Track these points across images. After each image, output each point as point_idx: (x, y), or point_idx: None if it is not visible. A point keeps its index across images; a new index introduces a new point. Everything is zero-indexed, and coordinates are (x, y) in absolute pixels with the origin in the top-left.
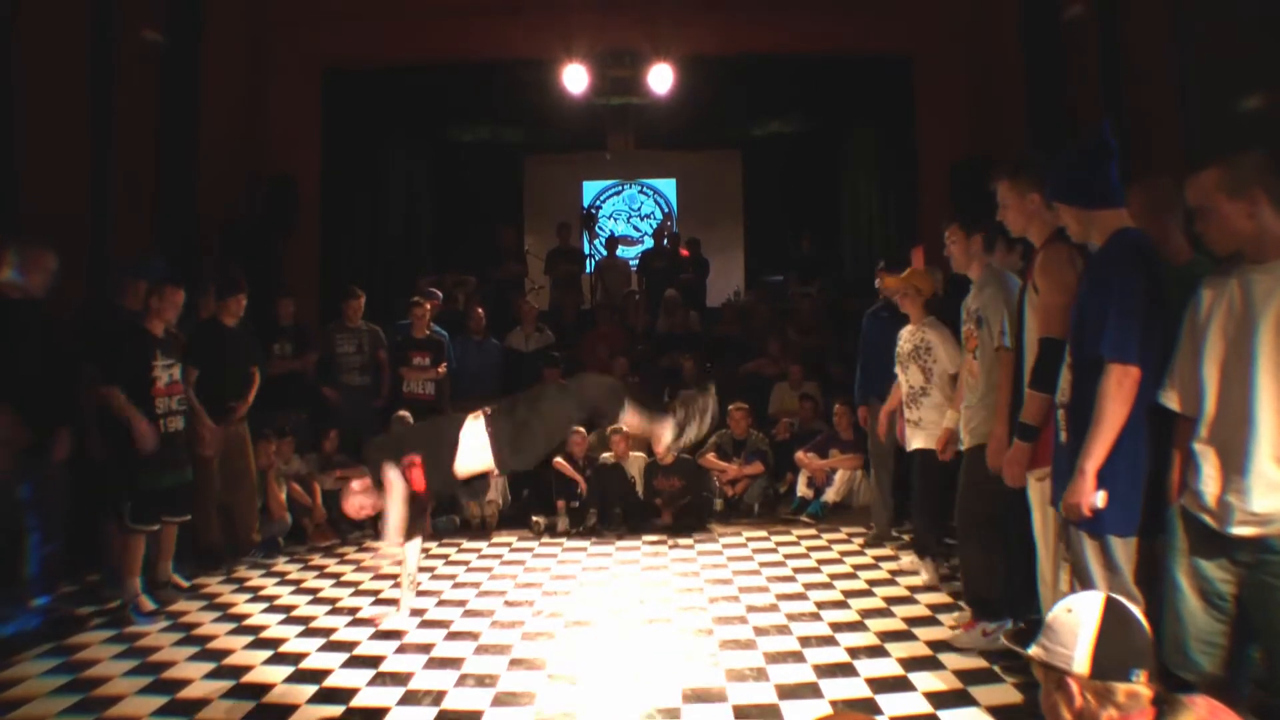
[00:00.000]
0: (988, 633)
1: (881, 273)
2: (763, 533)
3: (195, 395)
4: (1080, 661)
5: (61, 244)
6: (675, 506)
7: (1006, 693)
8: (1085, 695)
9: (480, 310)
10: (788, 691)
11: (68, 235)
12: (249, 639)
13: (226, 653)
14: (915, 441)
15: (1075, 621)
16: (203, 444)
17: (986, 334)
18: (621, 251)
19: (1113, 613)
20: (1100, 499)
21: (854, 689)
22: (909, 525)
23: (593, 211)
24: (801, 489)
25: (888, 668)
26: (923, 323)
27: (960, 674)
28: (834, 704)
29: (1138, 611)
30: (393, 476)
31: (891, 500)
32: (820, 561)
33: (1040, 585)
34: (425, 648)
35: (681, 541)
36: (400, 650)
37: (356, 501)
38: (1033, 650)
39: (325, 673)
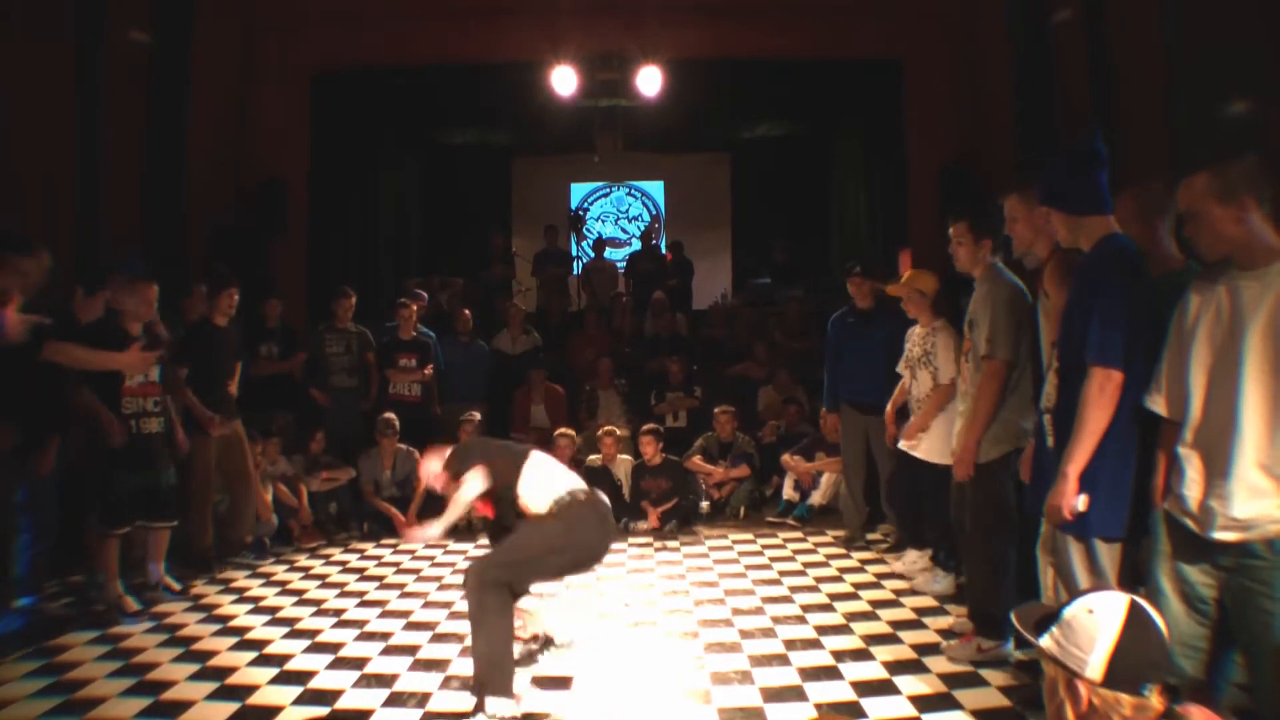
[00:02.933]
0: (984, 649)
1: (858, 277)
2: (748, 535)
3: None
4: (1094, 668)
5: (49, 248)
6: (661, 509)
7: (991, 696)
8: (1092, 701)
9: (466, 312)
10: (772, 694)
11: (53, 238)
12: (234, 640)
13: (211, 654)
14: (921, 449)
15: (1095, 625)
16: (211, 425)
17: (977, 337)
18: (609, 254)
19: (1135, 621)
20: (1081, 502)
21: (839, 692)
22: (882, 529)
23: (580, 213)
24: (788, 492)
25: (873, 671)
26: (933, 326)
27: (945, 677)
28: (819, 707)
29: (1159, 619)
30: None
31: (865, 504)
32: (806, 564)
33: (1042, 592)
34: (411, 649)
35: (668, 544)
36: (385, 652)
37: (431, 475)
38: (1045, 643)
39: (310, 674)
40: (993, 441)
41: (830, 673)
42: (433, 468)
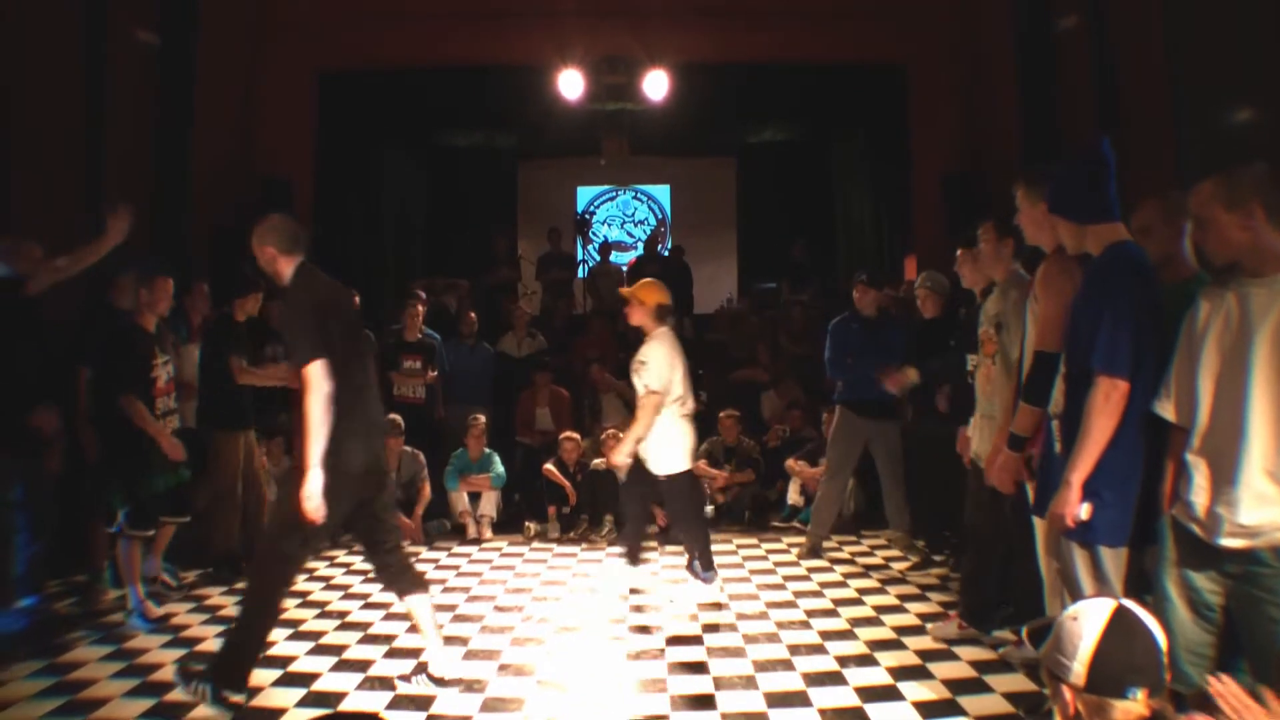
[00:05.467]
0: (963, 627)
1: (862, 285)
2: (753, 540)
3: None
4: (1076, 674)
5: (56, 247)
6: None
7: (996, 703)
8: (1077, 707)
9: (472, 314)
10: (776, 699)
11: (62, 238)
12: None
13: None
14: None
15: (1078, 631)
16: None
17: (1008, 339)
18: (614, 257)
19: (1118, 625)
20: (1085, 511)
21: (843, 698)
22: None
23: (586, 217)
24: (793, 496)
25: (877, 676)
26: (655, 334)
27: (949, 683)
28: (823, 713)
29: (1151, 623)
30: None
31: (839, 512)
32: (810, 569)
33: (1045, 593)
34: (414, 652)
35: (672, 548)
36: (389, 654)
37: None
38: (1041, 651)
39: (314, 676)
40: None
41: (834, 678)
42: None
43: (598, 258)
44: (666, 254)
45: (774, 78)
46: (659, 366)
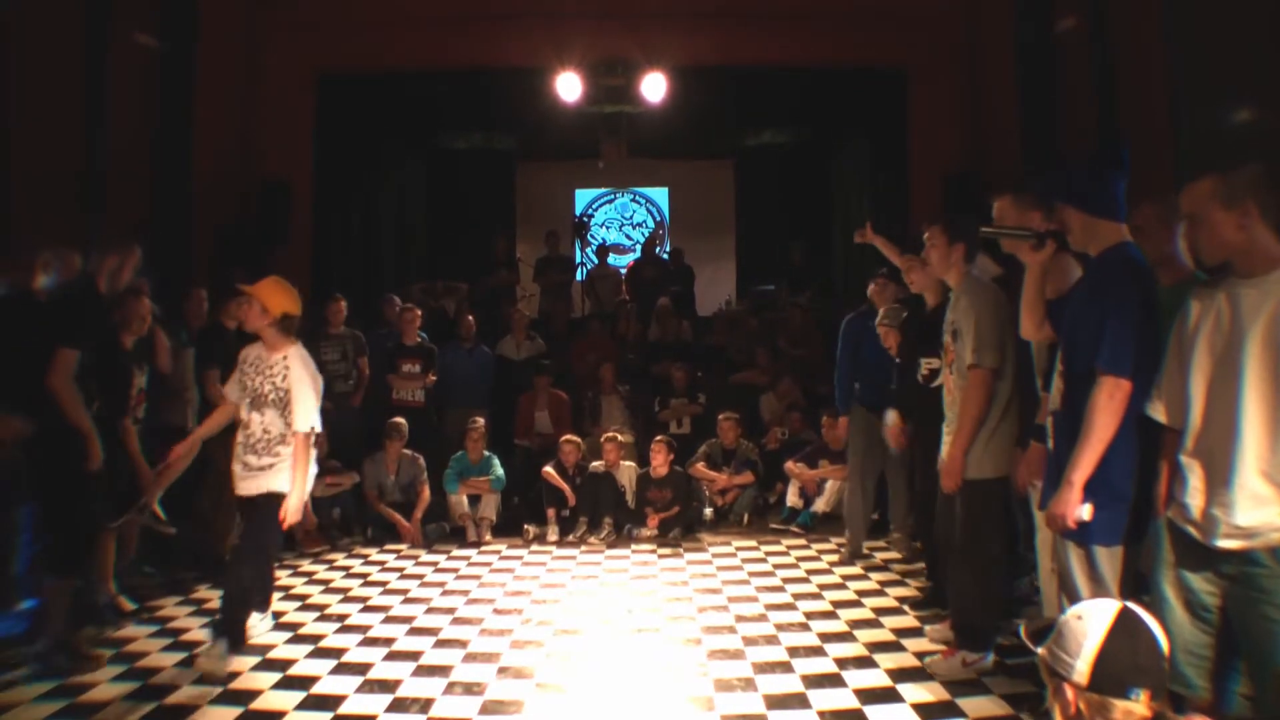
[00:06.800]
0: (968, 662)
1: (883, 279)
2: (752, 542)
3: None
4: (1080, 672)
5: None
6: (661, 515)
7: (995, 705)
8: (1079, 705)
9: (471, 318)
10: (776, 702)
11: (60, 241)
12: None
13: None
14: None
15: (1082, 630)
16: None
17: (962, 346)
18: (613, 260)
19: (1122, 626)
20: (1086, 512)
21: (842, 700)
22: (887, 539)
23: (585, 219)
24: (791, 499)
25: (876, 679)
26: (285, 354)
27: (949, 685)
28: (822, 714)
29: (1155, 626)
30: None
31: (872, 511)
32: (809, 572)
33: (1043, 593)
34: (414, 655)
35: (671, 551)
36: (389, 657)
37: None
38: (1041, 651)
39: (313, 679)
40: (987, 459)
41: (833, 680)
42: None
43: (596, 260)
44: (666, 257)
45: (773, 80)
46: (311, 397)
